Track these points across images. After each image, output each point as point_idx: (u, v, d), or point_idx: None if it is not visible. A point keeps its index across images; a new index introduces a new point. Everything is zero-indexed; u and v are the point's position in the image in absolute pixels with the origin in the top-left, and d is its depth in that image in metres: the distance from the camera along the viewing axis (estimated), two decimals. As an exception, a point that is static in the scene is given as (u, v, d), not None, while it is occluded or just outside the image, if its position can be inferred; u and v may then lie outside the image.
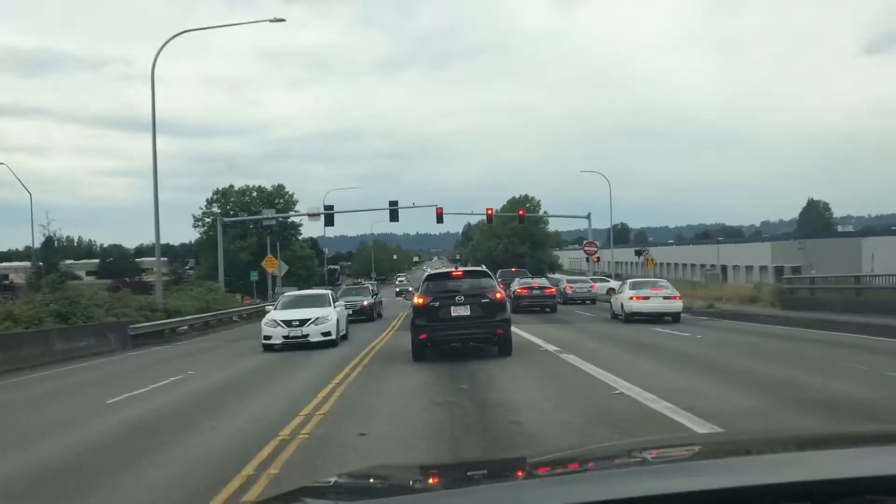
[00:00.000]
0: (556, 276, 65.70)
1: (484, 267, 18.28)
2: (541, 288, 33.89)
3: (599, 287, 42.63)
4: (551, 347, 18.34)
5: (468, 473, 2.44)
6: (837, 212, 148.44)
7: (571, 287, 40.82)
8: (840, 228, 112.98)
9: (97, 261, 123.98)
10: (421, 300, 16.40)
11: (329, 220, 48.67)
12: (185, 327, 29.40)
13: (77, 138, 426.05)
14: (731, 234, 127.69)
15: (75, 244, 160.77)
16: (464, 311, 16.03)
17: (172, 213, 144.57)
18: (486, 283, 16.91)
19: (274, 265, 46.98)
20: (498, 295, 16.47)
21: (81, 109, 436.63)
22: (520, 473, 2.32)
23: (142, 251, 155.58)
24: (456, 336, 16.18)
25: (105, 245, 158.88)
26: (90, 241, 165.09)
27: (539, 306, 32.60)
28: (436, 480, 2.49)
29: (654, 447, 2.74)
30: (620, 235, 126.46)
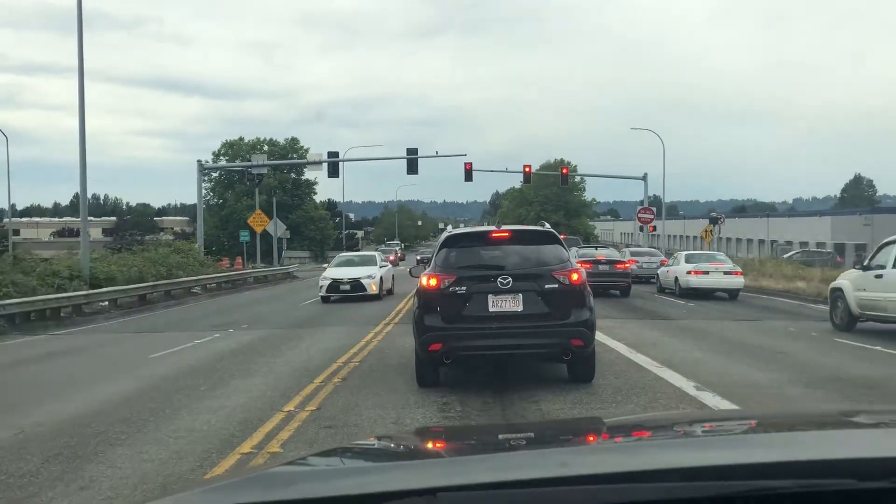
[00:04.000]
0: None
1: (548, 226, 9.77)
2: (609, 262, 24.32)
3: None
4: (674, 377, 9.79)
5: (499, 437, 2.38)
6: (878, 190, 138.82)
7: (637, 261, 31.13)
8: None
9: (114, 218, 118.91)
10: (434, 281, 9.11)
11: (334, 171, 40.11)
12: (104, 303, 20.97)
13: (111, 98, 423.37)
14: (765, 211, 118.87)
15: (101, 202, 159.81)
16: (512, 303, 8.95)
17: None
18: (553, 254, 9.37)
19: (264, 223, 38.52)
20: (575, 276, 9.11)
21: (115, 69, 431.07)
22: (591, 438, 2.21)
23: (166, 211, 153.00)
24: (496, 348, 9.05)
25: (133, 204, 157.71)
26: (116, 199, 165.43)
27: (606, 287, 23.40)
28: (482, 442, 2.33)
29: (717, 419, 2.84)
30: (654, 207, 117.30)
